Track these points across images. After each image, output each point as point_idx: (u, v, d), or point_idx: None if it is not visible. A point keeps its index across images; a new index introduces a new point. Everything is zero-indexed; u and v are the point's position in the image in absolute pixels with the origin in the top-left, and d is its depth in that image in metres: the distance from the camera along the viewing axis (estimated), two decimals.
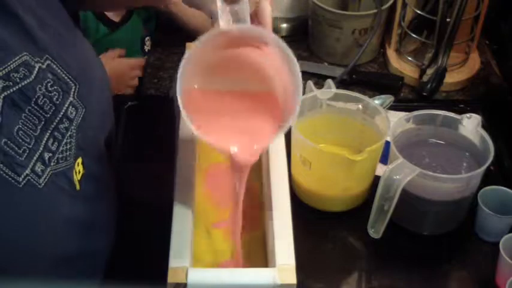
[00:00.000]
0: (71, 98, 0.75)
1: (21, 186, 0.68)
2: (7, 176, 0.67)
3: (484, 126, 1.00)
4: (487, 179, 0.99)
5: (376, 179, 0.96)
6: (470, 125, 1.00)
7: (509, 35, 1.32)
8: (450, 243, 1.00)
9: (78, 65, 0.77)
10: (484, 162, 0.95)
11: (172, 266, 0.76)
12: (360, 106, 1.03)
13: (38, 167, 0.70)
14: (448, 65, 1.22)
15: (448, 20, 1.18)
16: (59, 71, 0.73)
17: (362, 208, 1.02)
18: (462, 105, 1.22)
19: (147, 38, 1.50)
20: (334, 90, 1.03)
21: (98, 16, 1.42)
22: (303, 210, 1.02)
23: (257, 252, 0.89)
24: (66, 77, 0.74)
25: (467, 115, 1.00)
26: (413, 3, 1.25)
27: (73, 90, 0.75)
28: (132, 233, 0.94)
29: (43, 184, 0.70)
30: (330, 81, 1.04)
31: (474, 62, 1.30)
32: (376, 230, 0.96)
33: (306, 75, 1.27)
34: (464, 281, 0.98)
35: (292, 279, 0.76)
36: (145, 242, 0.95)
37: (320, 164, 0.98)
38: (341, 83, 1.23)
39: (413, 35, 1.26)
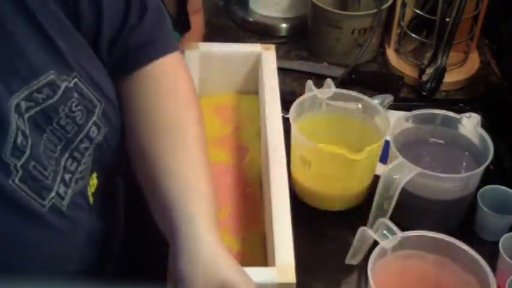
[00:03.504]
0: (94, 118, 0.72)
1: (46, 209, 0.66)
2: (34, 201, 0.65)
3: (483, 126, 1.00)
4: (487, 178, 0.99)
5: (376, 178, 0.96)
6: (470, 125, 1.00)
7: (509, 35, 1.32)
8: None
9: (102, 82, 0.74)
10: (483, 161, 0.95)
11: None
12: (360, 105, 1.03)
13: (61, 189, 0.68)
14: (447, 64, 1.22)
15: (447, 19, 1.18)
16: (85, 90, 0.71)
17: (362, 207, 1.02)
18: (461, 105, 1.22)
19: None
20: (333, 89, 1.03)
21: None
22: (303, 209, 1.02)
23: (257, 251, 0.89)
24: (92, 96, 0.72)
25: (467, 114, 1.00)
26: (413, 3, 1.25)
27: (98, 109, 0.72)
28: (132, 233, 0.94)
29: (66, 206, 0.69)
30: (329, 81, 1.04)
31: (473, 62, 1.30)
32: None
33: (306, 75, 1.27)
34: None
35: (292, 278, 0.76)
36: (145, 241, 0.95)
37: (320, 163, 0.98)
38: (341, 83, 1.23)
39: (413, 35, 1.26)
